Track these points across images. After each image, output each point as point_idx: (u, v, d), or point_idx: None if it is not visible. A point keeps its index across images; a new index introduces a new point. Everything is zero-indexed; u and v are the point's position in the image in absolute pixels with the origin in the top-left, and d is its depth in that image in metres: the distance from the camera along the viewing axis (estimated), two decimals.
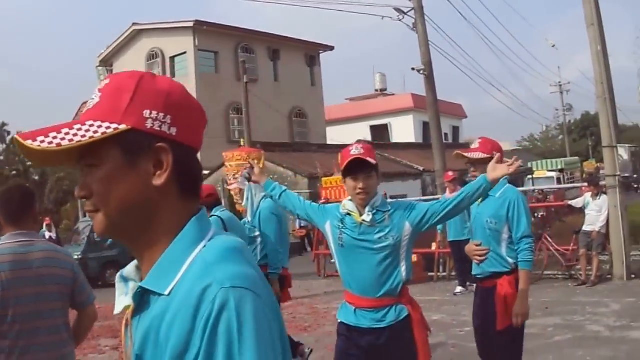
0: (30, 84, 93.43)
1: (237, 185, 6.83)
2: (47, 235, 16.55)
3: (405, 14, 16.50)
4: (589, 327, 7.75)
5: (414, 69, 16.40)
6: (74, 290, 3.17)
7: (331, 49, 38.01)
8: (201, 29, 31.27)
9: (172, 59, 32.49)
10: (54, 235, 18.14)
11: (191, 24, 31.09)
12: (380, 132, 44.01)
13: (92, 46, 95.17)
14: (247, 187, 6.33)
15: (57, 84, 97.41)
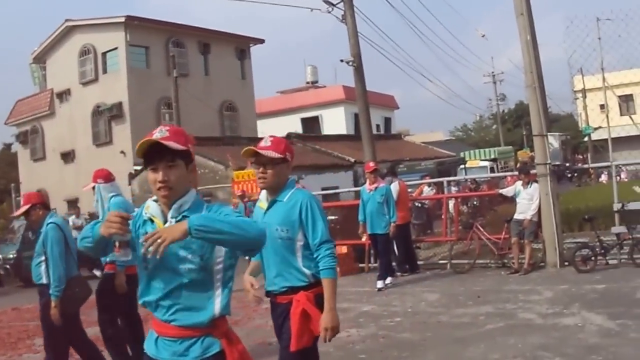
0: None
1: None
2: None
3: (334, 5, 16.30)
4: (521, 314, 7.75)
5: (342, 61, 16.26)
6: None
7: (261, 42, 37.84)
8: (132, 24, 30.94)
9: (104, 54, 31.99)
10: None
11: (123, 19, 30.68)
12: (311, 124, 44.01)
13: (26, 44, 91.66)
14: (96, 188, 6.22)
15: None
